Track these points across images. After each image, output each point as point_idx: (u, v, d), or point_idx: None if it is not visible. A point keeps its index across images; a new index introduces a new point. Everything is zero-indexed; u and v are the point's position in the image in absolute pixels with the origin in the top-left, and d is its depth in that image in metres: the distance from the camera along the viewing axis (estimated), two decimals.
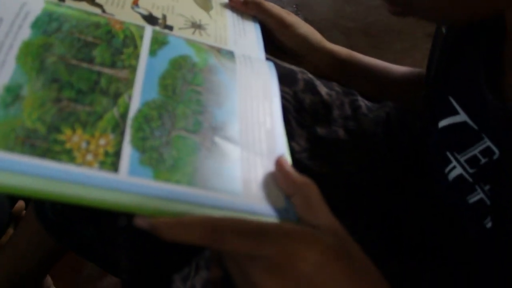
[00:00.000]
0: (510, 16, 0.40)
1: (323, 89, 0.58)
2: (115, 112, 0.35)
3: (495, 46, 0.44)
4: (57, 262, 0.83)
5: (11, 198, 0.88)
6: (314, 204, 0.34)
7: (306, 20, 0.62)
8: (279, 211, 0.35)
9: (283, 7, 0.61)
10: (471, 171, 0.47)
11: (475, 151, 0.46)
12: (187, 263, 0.51)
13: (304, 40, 0.59)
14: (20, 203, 0.93)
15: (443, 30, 0.52)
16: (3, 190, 0.28)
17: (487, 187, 0.45)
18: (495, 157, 0.43)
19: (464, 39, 0.48)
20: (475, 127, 0.46)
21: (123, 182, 0.31)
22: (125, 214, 0.32)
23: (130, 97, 0.37)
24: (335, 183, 0.55)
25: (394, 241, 0.55)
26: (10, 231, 0.91)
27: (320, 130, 0.56)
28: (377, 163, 0.56)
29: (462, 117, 0.48)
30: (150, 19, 0.49)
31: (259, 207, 0.34)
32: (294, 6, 1.66)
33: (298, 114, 0.56)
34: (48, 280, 0.89)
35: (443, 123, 0.51)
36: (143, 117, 0.36)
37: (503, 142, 0.41)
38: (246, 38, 0.54)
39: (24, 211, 0.95)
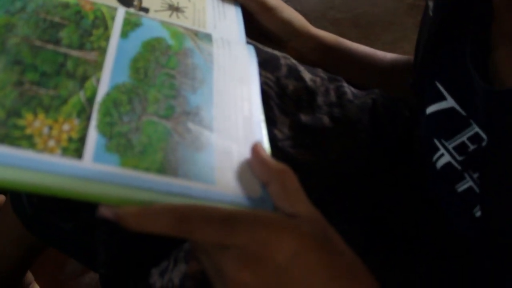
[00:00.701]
0: None
1: (307, 75, 0.56)
2: (82, 96, 0.33)
3: (481, 27, 0.43)
4: (38, 258, 0.81)
5: None
6: (291, 192, 0.32)
7: (295, 10, 0.60)
8: (255, 201, 0.33)
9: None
10: (459, 158, 0.45)
11: (463, 137, 0.44)
12: (166, 257, 0.49)
13: (287, 24, 0.57)
14: (1, 197, 0.91)
15: (430, 13, 0.50)
16: None
17: (476, 175, 0.43)
18: (484, 143, 0.42)
19: (451, 22, 0.46)
20: (463, 113, 0.44)
21: (87, 169, 0.29)
22: (91, 204, 0.30)
23: (98, 80, 0.34)
24: (320, 172, 0.53)
25: (381, 232, 0.54)
26: None
27: (304, 117, 0.54)
28: (363, 151, 0.55)
29: (449, 102, 0.46)
30: (125, 0, 0.46)
31: (233, 196, 0.32)
32: None
33: (281, 100, 0.54)
34: (29, 276, 0.87)
35: (430, 109, 0.49)
36: (112, 101, 0.34)
37: (491, 127, 0.40)
38: (226, 21, 0.52)
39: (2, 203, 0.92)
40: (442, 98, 0.47)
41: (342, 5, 1.61)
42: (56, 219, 0.63)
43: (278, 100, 0.53)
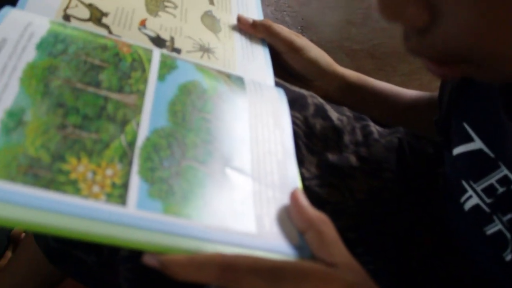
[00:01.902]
0: None
1: (334, 114, 0.57)
2: (123, 140, 0.34)
3: None
4: None
5: None
6: (329, 241, 0.33)
7: (311, 41, 0.60)
8: (294, 248, 0.33)
9: (288, 28, 0.60)
10: (488, 201, 0.45)
11: (492, 180, 0.44)
12: None
13: (314, 64, 0.58)
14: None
15: None
16: (3, 224, 0.27)
17: (506, 218, 0.43)
18: None
19: None
20: (492, 155, 0.44)
21: (131, 216, 0.29)
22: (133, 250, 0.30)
23: (138, 124, 0.35)
24: (346, 212, 0.53)
25: (406, 273, 0.53)
26: (8, 254, 0.89)
27: (331, 157, 0.54)
28: (389, 191, 0.55)
29: (477, 144, 0.46)
30: (158, 41, 0.48)
31: (273, 244, 0.33)
32: (299, 27, 1.66)
33: (308, 139, 0.54)
34: None
35: (457, 150, 0.49)
36: (152, 146, 0.34)
37: None
38: (255, 61, 0.53)
39: (23, 234, 0.93)
40: (469, 139, 0.47)
41: (358, 36, 1.62)
42: (79, 252, 0.64)
43: (305, 139, 0.54)
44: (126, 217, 0.29)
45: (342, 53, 1.50)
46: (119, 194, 0.30)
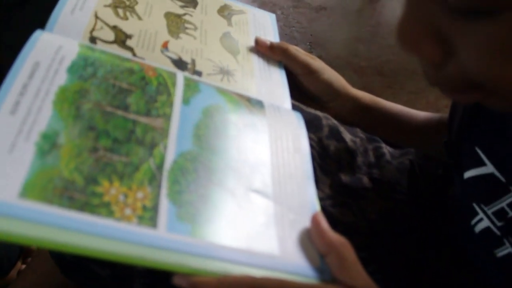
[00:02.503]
0: None
1: (347, 136, 0.58)
2: (151, 163, 0.35)
3: None
4: None
5: None
6: (349, 264, 0.34)
7: (319, 58, 0.62)
8: (315, 271, 0.34)
9: (296, 45, 0.61)
10: (499, 224, 0.46)
11: (503, 203, 0.45)
12: None
13: (328, 86, 0.59)
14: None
15: None
16: (40, 244, 0.28)
17: None
18: None
19: None
20: (503, 179, 0.45)
21: (162, 238, 0.31)
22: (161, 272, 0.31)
23: (165, 148, 0.37)
24: (358, 231, 0.54)
25: None
26: (19, 264, 0.90)
27: (344, 178, 0.55)
28: (400, 212, 0.56)
29: (489, 168, 0.47)
30: (180, 63, 0.49)
31: (296, 266, 0.34)
32: (308, 43, 1.68)
33: (322, 160, 0.55)
34: None
35: (468, 173, 0.50)
36: (179, 169, 0.36)
37: None
38: (272, 83, 0.54)
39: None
40: (481, 163, 0.48)
41: (366, 53, 1.64)
42: (93, 265, 0.65)
43: (320, 160, 0.55)
44: (157, 240, 0.30)
45: (350, 70, 1.52)
46: (150, 216, 0.32)
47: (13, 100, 0.34)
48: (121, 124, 0.36)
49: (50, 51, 0.39)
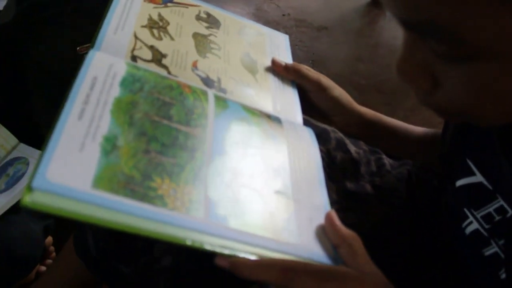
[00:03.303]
0: None
1: (352, 148, 0.65)
2: (194, 165, 0.42)
3: None
4: None
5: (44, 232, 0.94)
6: (358, 254, 0.41)
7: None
8: (330, 259, 0.41)
9: (300, 62, 0.68)
10: (486, 226, 0.52)
11: (490, 209, 0.52)
12: None
13: (336, 103, 0.65)
14: (49, 238, 0.98)
15: None
16: (111, 226, 0.34)
17: (501, 242, 0.50)
18: (508, 215, 0.49)
19: None
20: (490, 187, 0.52)
21: (206, 225, 0.37)
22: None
23: (204, 153, 0.43)
24: (361, 233, 0.61)
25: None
26: (38, 265, 0.96)
27: (349, 185, 0.62)
28: (399, 216, 0.62)
29: (478, 178, 0.54)
30: (208, 81, 0.56)
31: (314, 254, 0.40)
32: (310, 61, 1.76)
33: (330, 169, 0.62)
34: None
35: (460, 182, 0.57)
36: (216, 171, 0.42)
37: None
38: (286, 100, 0.61)
39: (52, 247, 1.00)
40: (471, 173, 0.55)
41: (366, 71, 1.72)
42: (117, 263, 0.71)
43: (327, 169, 0.62)
44: (202, 226, 0.37)
45: (351, 87, 1.59)
46: (196, 208, 0.38)
47: (79, 108, 0.40)
48: (166, 132, 0.43)
49: (104, 68, 0.46)
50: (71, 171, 0.35)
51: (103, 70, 0.46)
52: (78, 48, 1.07)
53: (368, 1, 2.22)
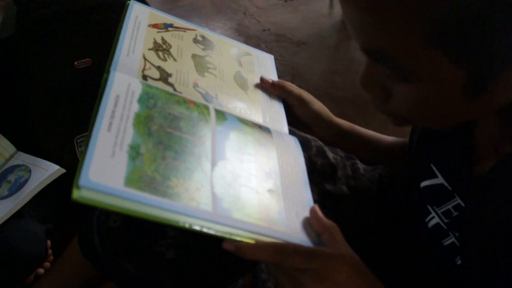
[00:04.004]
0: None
1: (330, 154, 0.74)
2: (202, 169, 0.50)
3: (466, 129, 0.61)
4: None
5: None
6: (338, 239, 0.50)
7: (300, 88, 0.77)
8: (314, 244, 0.50)
9: (280, 76, 0.76)
10: (446, 221, 0.62)
11: (449, 206, 0.61)
12: None
13: (316, 115, 0.75)
14: (48, 242, 1.05)
15: None
16: (140, 216, 0.42)
17: (457, 233, 0.60)
18: (464, 212, 0.58)
19: None
20: (450, 188, 0.61)
21: (214, 216, 0.46)
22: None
23: (208, 158, 0.52)
24: (340, 227, 0.70)
25: (384, 276, 0.70)
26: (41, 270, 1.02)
27: (328, 187, 0.71)
28: (371, 213, 0.72)
29: (439, 179, 0.64)
30: (207, 97, 0.65)
31: (301, 240, 0.49)
32: (290, 75, 1.86)
33: (311, 173, 0.71)
34: None
35: (424, 183, 0.66)
36: (220, 174, 0.51)
37: (470, 201, 0.57)
38: (274, 113, 0.70)
39: (50, 250, 1.06)
40: (434, 175, 0.65)
41: (342, 85, 1.82)
42: (122, 260, 0.78)
43: (309, 173, 0.71)
44: (212, 217, 0.45)
45: (328, 100, 1.69)
46: (205, 202, 0.47)
47: (108, 122, 0.48)
48: (178, 141, 0.52)
49: (124, 87, 0.54)
50: (107, 173, 0.43)
51: (123, 89, 0.54)
52: (75, 62, 1.14)
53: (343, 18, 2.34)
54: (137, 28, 0.69)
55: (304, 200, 0.55)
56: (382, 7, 0.38)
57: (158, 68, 0.64)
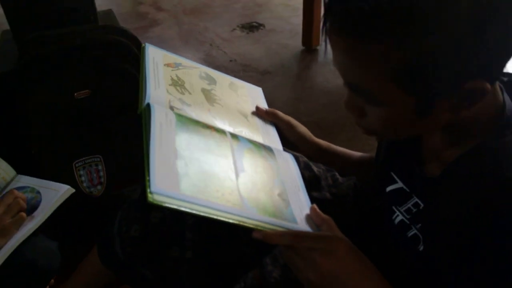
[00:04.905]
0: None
1: (315, 168, 0.91)
2: (230, 178, 0.65)
3: (415, 144, 0.79)
4: None
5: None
6: (334, 228, 0.66)
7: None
8: None
9: None
10: (408, 217, 0.79)
11: (409, 204, 0.78)
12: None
13: (302, 136, 0.92)
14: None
15: None
16: (194, 212, 0.57)
17: (418, 226, 0.77)
18: (421, 207, 0.76)
19: (398, 143, 0.83)
20: (408, 190, 0.79)
21: (245, 212, 0.61)
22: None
23: (233, 171, 0.67)
24: None
25: None
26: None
27: (314, 194, 0.88)
28: (349, 214, 0.88)
29: (400, 184, 0.81)
30: (220, 122, 0.80)
31: (308, 229, 0.65)
32: None
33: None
34: None
35: (389, 188, 0.84)
36: (243, 183, 0.66)
37: (425, 199, 0.74)
38: (269, 135, 0.87)
39: None
40: (395, 182, 0.82)
41: (305, 110, 2.02)
42: (141, 267, 0.90)
43: None
44: (241, 213, 0.60)
45: None
46: (238, 203, 0.62)
47: (159, 143, 0.63)
48: (210, 157, 0.67)
49: (163, 116, 0.69)
50: (167, 182, 0.58)
51: (163, 118, 0.68)
52: (75, 93, 1.27)
53: (303, 48, 2.56)
54: (156, 67, 0.84)
55: (303, 201, 0.72)
56: (358, 54, 0.56)
57: (180, 100, 0.79)
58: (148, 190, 0.55)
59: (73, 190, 1.09)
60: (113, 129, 1.31)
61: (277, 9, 3.12)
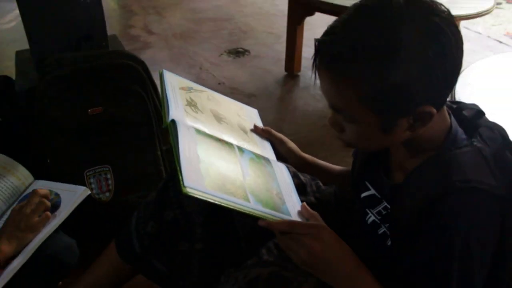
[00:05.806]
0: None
1: (301, 177, 1.09)
2: (240, 180, 0.83)
3: (384, 157, 0.97)
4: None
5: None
6: (320, 220, 0.84)
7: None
8: None
9: None
10: (378, 217, 0.97)
11: (380, 208, 0.96)
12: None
13: (291, 151, 1.11)
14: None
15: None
16: (216, 203, 0.74)
17: (386, 225, 0.95)
18: (389, 210, 0.94)
19: (372, 153, 1.02)
20: (379, 196, 0.97)
21: (253, 206, 0.78)
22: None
23: (241, 175, 0.84)
24: None
25: None
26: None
27: (301, 198, 1.05)
28: (331, 216, 1.06)
29: (372, 191, 0.99)
30: (228, 137, 0.97)
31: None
32: None
33: None
34: None
35: (363, 194, 1.01)
36: (249, 184, 0.83)
37: (392, 202, 0.92)
38: (265, 148, 1.05)
39: None
40: (368, 189, 1.00)
41: (289, 130, 2.20)
42: (154, 260, 1.06)
43: None
44: (251, 206, 0.78)
45: None
46: (246, 198, 0.79)
47: (185, 149, 0.80)
48: (224, 164, 0.84)
49: (186, 130, 0.86)
50: (194, 179, 0.75)
51: (186, 131, 0.85)
52: (89, 110, 1.43)
53: (285, 74, 2.77)
54: (174, 90, 1.01)
55: (295, 200, 0.89)
56: (338, 84, 0.74)
57: (195, 118, 0.96)
58: (182, 185, 0.72)
59: (89, 191, 1.22)
60: (121, 142, 1.47)
61: (261, 36, 3.34)
